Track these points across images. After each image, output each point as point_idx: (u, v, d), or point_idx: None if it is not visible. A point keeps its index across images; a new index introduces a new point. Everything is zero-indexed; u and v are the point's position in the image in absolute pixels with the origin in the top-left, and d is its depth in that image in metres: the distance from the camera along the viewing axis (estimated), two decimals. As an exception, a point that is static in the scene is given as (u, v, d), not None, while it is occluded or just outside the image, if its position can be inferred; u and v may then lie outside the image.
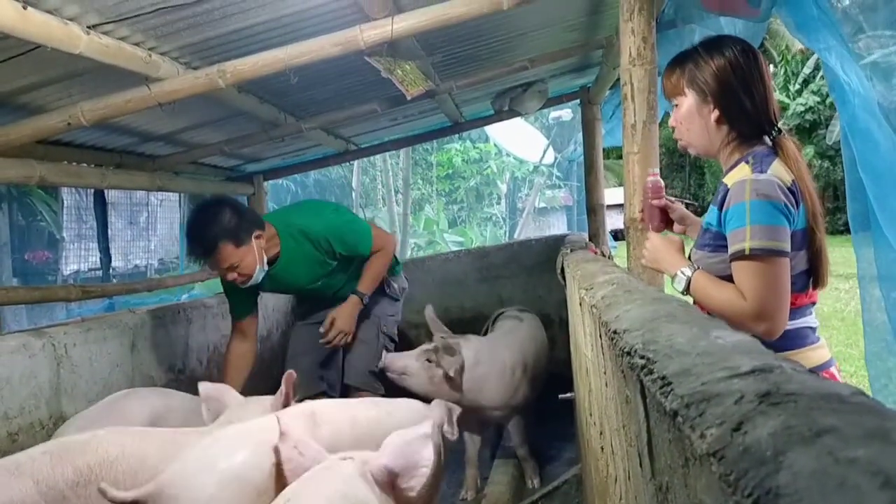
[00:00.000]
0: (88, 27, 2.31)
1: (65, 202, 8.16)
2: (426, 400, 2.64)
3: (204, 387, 2.44)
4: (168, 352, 3.46)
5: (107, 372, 3.05)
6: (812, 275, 1.72)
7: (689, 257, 1.85)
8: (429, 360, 3.11)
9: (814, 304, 1.76)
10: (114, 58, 2.44)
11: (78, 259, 8.07)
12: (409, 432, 1.76)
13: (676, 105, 1.84)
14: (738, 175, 1.66)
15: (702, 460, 0.50)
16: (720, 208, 1.70)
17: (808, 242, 1.68)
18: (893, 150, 1.87)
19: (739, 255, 1.59)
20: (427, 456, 1.74)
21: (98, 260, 5.89)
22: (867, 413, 0.44)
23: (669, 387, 0.65)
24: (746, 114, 1.74)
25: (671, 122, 1.89)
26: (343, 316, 3.26)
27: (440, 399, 2.64)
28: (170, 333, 3.50)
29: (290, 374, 2.31)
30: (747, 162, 1.69)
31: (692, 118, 1.80)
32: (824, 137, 17.75)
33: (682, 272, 1.76)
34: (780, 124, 1.78)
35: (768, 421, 0.46)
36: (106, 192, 5.59)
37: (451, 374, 3.06)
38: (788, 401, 0.49)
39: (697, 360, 0.69)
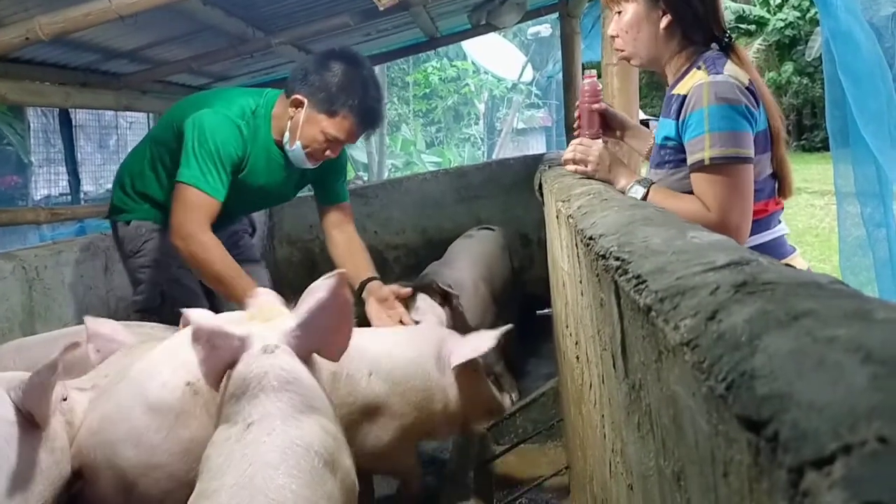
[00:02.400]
0: (39, -68, 2.19)
1: (31, 125, 7.94)
2: None
3: (90, 323, 2.02)
4: (143, 274, 3.42)
5: (81, 294, 3.02)
6: (777, 182, 1.69)
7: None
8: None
9: (781, 210, 1.73)
10: (69, -34, 2.32)
11: (48, 184, 7.90)
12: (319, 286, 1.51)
13: (619, 12, 1.73)
14: (693, 81, 1.59)
15: (675, 351, 0.48)
16: (676, 118, 1.62)
17: (770, 144, 1.63)
18: (874, 52, 1.83)
19: (699, 166, 1.53)
20: (346, 314, 1.52)
21: (68, 184, 5.77)
22: (846, 297, 0.43)
23: (644, 284, 0.63)
24: (698, 19, 1.65)
25: (611, 30, 1.77)
26: None
27: None
28: (143, 255, 3.45)
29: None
30: (699, 67, 1.61)
31: (639, 25, 1.69)
32: (803, 54, 17.59)
33: (638, 184, 1.67)
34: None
35: (744, 308, 0.44)
36: (72, 114, 5.44)
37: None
38: (765, 289, 0.47)
39: (673, 258, 0.67)
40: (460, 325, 3.00)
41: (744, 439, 0.34)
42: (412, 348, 2.06)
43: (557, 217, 1.80)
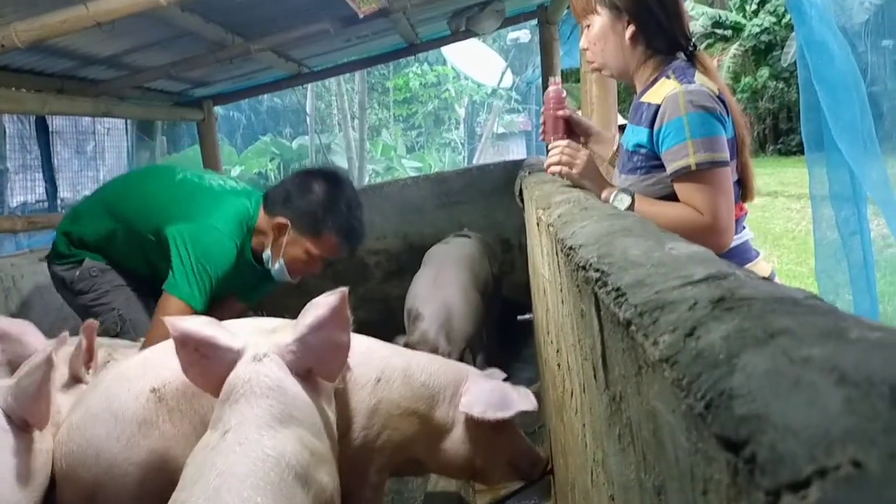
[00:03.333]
0: (15, -62, 2.17)
1: (7, 131, 7.84)
2: None
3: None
4: (121, 282, 3.39)
5: (59, 304, 2.98)
6: (740, 187, 1.72)
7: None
8: None
9: (745, 215, 1.78)
10: (45, -27, 2.30)
11: (24, 190, 7.79)
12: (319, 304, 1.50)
13: (588, 25, 1.77)
14: (664, 90, 1.61)
15: (654, 367, 0.49)
16: (650, 126, 1.64)
17: (737, 152, 1.67)
18: (848, 62, 1.86)
19: (685, 172, 1.56)
20: (343, 335, 1.51)
21: (45, 190, 5.70)
22: (822, 314, 0.44)
23: (623, 297, 0.64)
24: (662, 28, 1.68)
25: (582, 43, 1.81)
26: None
27: None
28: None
29: (91, 324, 1.91)
30: (668, 76, 1.64)
31: (606, 37, 1.73)
32: (779, 59, 17.78)
33: (623, 192, 1.68)
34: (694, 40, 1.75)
35: (721, 325, 0.45)
36: (49, 120, 5.39)
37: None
38: (742, 305, 0.48)
39: (652, 271, 0.68)
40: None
41: (722, 459, 0.35)
42: (426, 371, 1.94)
43: (538, 225, 1.81)
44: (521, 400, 1.86)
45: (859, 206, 2.06)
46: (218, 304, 2.69)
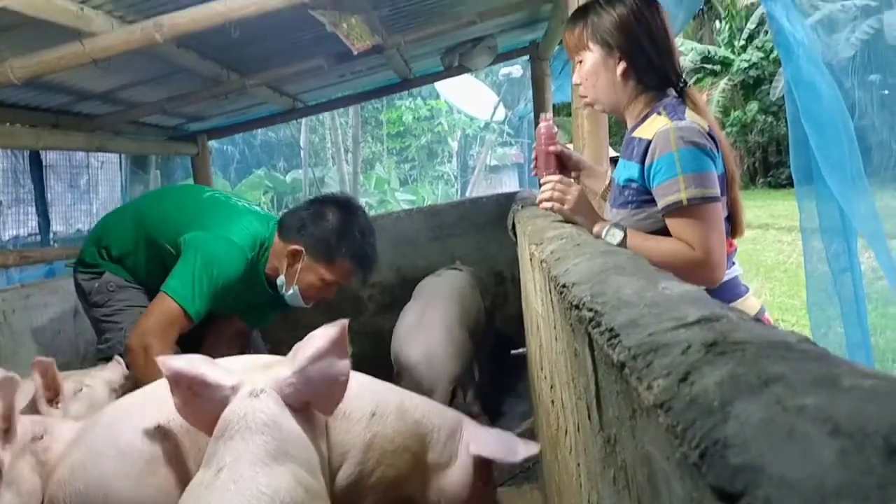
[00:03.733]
0: (13, -22, 2.19)
1: (0, 165, 7.84)
2: None
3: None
4: (113, 317, 3.37)
5: (49, 339, 2.97)
6: (730, 223, 1.73)
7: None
8: None
9: (735, 251, 1.79)
10: (43, 11, 2.32)
11: (17, 224, 7.78)
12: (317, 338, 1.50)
13: (580, 61, 1.79)
14: (655, 126, 1.63)
15: (649, 412, 0.49)
16: (641, 162, 1.65)
17: (726, 189, 1.68)
18: (836, 101, 1.89)
19: (676, 207, 1.57)
20: (342, 367, 1.50)
21: (38, 224, 5.68)
22: (815, 360, 0.44)
23: (617, 338, 0.64)
24: (653, 65, 1.71)
25: (575, 79, 1.83)
26: None
27: None
28: (114, 298, 3.41)
29: (42, 362, 1.91)
30: (659, 113, 1.66)
31: (597, 73, 1.75)
32: (768, 93, 17.99)
33: (615, 227, 1.68)
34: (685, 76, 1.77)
35: (715, 370, 0.45)
36: (43, 154, 5.39)
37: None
38: (735, 349, 0.48)
39: (645, 311, 0.68)
40: None
41: (718, 509, 0.35)
42: (420, 410, 1.92)
43: (531, 260, 1.82)
44: (527, 447, 1.86)
45: (849, 240, 2.07)
46: (221, 321, 2.70)
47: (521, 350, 4.26)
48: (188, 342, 2.42)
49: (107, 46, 2.64)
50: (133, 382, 2.18)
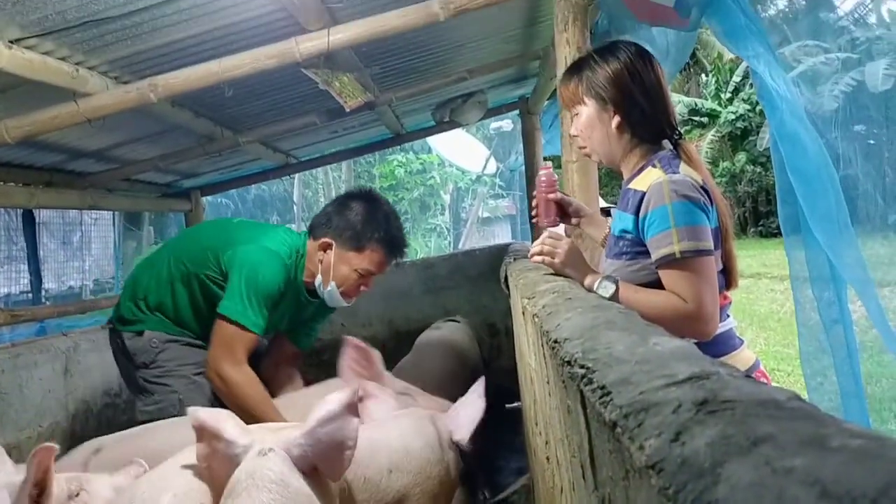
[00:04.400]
0: (10, 42, 2.22)
1: (-8, 223, 7.85)
2: None
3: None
4: (103, 375, 3.34)
5: (38, 399, 2.93)
6: (724, 275, 1.73)
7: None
8: None
9: (729, 304, 1.78)
10: (39, 73, 2.35)
11: (9, 282, 7.77)
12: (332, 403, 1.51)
13: (576, 114, 1.83)
14: (649, 178, 1.64)
15: (641, 473, 0.49)
16: (635, 213, 1.66)
17: (721, 242, 1.69)
18: (820, 154, 1.92)
19: (669, 260, 1.57)
20: (351, 433, 1.51)
21: (29, 282, 5.67)
22: (803, 419, 0.44)
23: (609, 396, 0.64)
24: (646, 118, 1.73)
25: (572, 131, 1.86)
26: None
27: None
28: (104, 356, 3.37)
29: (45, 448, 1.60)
30: (654, 166, 1.67)
31: (593, 126, 1.78)
32: (755, 144, 18.27)
33: (606, 280, 1.69)
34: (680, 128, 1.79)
35: (706, 430, 0.45)
36: (36, 211, 5.41)
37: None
38: (725, 408, 0.48)
39: (636, 368, 0.68)
40: None
41: (710, 574, 0.35)
42: (420, 436, 2.01)
43: (524, 313, 1.81)
44: (475, 404, 2.21)
45: (839, 289, 2.08)
46: (272, 345, 2.75)
47: (515, 404, 4.22)
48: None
49: (101, 106, 2.67)
50: None
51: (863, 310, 2.38)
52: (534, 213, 2.07)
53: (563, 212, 2.06)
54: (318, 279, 2.55)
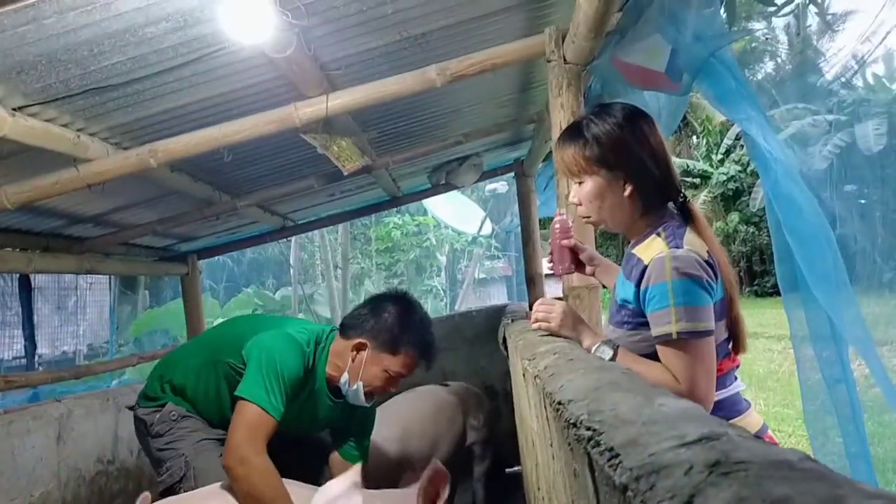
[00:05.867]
0: (14, 109, 2.26)
1: (-12, 288, 7.83)
2: None
3: None
4: (97, 442, 3.29)
5: (31, 467, 2.88)
6: (731, 340, 1.70)
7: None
8: None
9: (737, 367, 1.75)
10: (40, 140, 2.38)
11: (2, 348, 7.72)
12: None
13: (579, 182, 1.74)
14: (653, 249, 1.61)
15: (655, 538, 0.48)
16: (637, 285, 1.63)
17: (726, 310, 1.64)
18: (816, 214, 1.93)
19: (666, 339, 1.55)
20: None
21: (23, 347, 5.62)
22: (818, 480, 0.44)
23: (617, 459, 0.63)
24: (655, 182, 1.68)
25: (573, 199, 1.78)
26: None
27: None
28: (98, 422, 3.33)
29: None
30: (658, 234, 1.63)
31: (602, 195, 1.70)
32: (748, 204, 18.46)
33: (604, 345, 1.67)
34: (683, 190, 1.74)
35: (720, 493, 0.45)
36: (32, 276, 5.40)
37: None
38: (738, 469, 0.48)
39: (643, 430, 0.68)
40: None
41: None
42: None
43: (524, 375, 1.80)
44: None
45: (840, 348, 2.07)
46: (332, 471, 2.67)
47: (516, 468, 4.15)
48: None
49: (102, 171, 2.70)
50: None
51: (862, 369, 2.36)
52: (548, 259, 2.05)
53: (578, 259, 2.03)
54: (345, 377, 2.55)
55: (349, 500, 1.84)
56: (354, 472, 1.79)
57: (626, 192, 1.68)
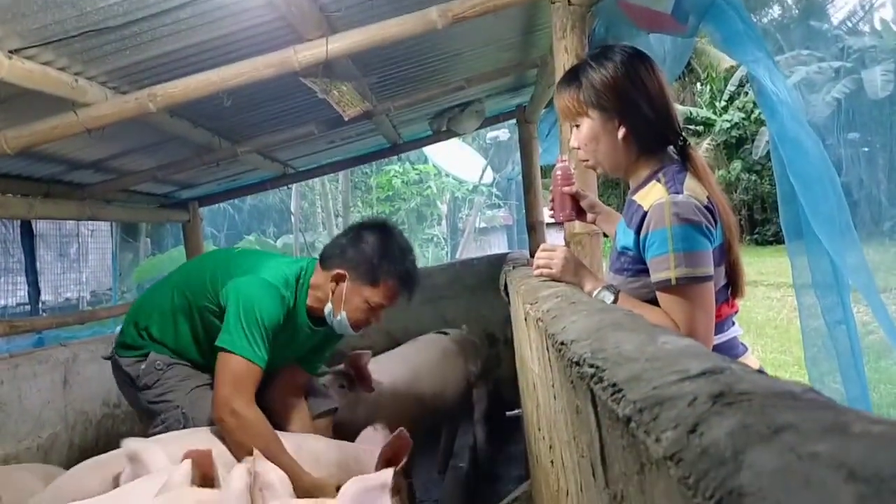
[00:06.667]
0: (10, 52, 2.23)
1: (-10, 235, 7.84)
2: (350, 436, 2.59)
3: (129, 445, 1.96)
4: (102, 386, 3.33)
5: (38, 410, 2.92)
6: (730, 286, 1.70)
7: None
8: (342, 386, 3.03)
9: (736, 312, 1.76)
10: (38, 83, 2.35)
11: (6, 294, 7.77)
12: (367, 479, 1.61)
13: (577, 125, 1.75)
14: (653, 195, 1.61)
15: (658, 464, 0.49)
16: (637, 232, 1.63)
17: (725, 256, 1.65)
18: (822, 157, 1.92)
19: (665, 285, 1.56)
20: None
21: (27, 294, 5.66)
22: (822, 408, 0.44)
23: (621, 393, 0.64)
24: (650, 124, 1.67)
25: (572, 143, 1.78)
26: None
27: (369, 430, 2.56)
28: (103, 367, 3.35)
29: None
30: (658, 180, 1.63)
31: (597, 138, 1.71)
32: (750, 152, 18.34)
33: (605, 290, 1.68)
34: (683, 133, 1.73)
35: (724, 421, 0.45)
36: (33, 223, 5.40)
37: (364, 365, 3.04)
38: (742, 400, 0.48)
39: (647, 366, 0.68)
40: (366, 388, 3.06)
41: (737, 559, 0.34)
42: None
43: (526, 319, 1.81)
44: None
45: (842, 294, 2.08)
46: (281, 374, 2.67)
47: (515, 412, 4.22)
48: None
49: (101, 116, 2.67)
50: None
51: (860, 315, 2.38)
52: (549, 206, 2.04)
53: (579, 206, 2.02)
54: (329, 307, 2.53)
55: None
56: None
57: (621, 135, 1.68)
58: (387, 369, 3.49)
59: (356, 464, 2.33)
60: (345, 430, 2.75)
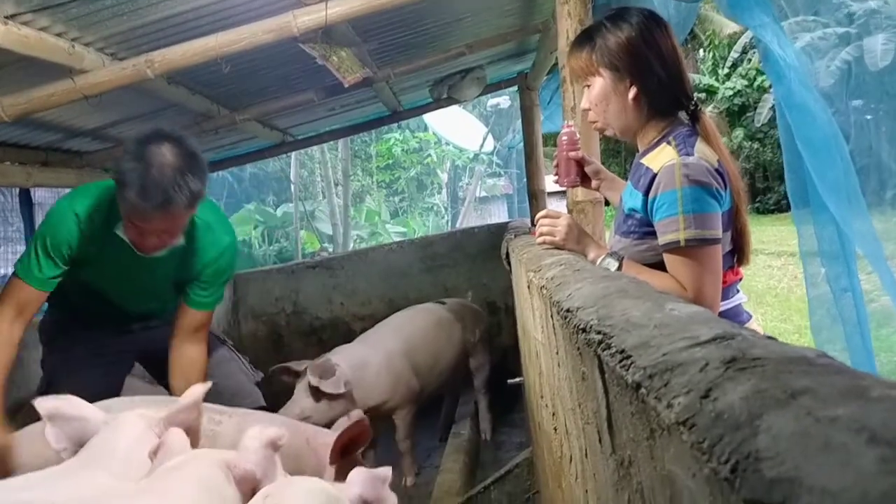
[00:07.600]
0: (6, 17, 2.19)
1: (-12, 204, 7.80)
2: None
3: (44, 403, 1.67)
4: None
5: (35, 378, 2.93)
6: (736, 252, 1.70)
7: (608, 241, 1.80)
8: (315, 397, 2.95)
9: (740, 280, 1.76)
10: (34, 49, 2.32)
11: (6, 263, 7.74)
12: (374, 471, 1.58)
13: (588, 86, 1.75)
14: (663, 157, 1.59)
15: (670, 430, 0.48)
16: (645, 193, 1.62)
17: (732, 222, 1.65)
18: (829, 123, 1.90)
19: (674, 247, 1.55)
20: (393, 499, 1.58)
21: (26, 263, 5.64)
22: (837, 373, 0.43)
23: (629, 360, 0.63)
24: (663, 86, 1.66)
25: (584, 104, 1.78)
26: None
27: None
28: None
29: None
30: (669, 143, 1.62)
31: (608, 98, 1.70)
32: (753, 120, 18.22)
33: (610, 257, 1.68)
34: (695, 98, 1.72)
35: (738, 386, 0.45)
36: (32, 191, 5.38)
37: (343, 390, 2.95)
38: (755, 365, 0.48)
39: (655, 332, 0.68)
40: (349, 401, 3.01)
41: (754, 524, 0.34)
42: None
43: (529, 287, 1.81)
44: None
45: (848, 261, 2.07)
46: (175, 318, 2.53)
47: (517, 379, 4.24)
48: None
49: (98, 82, 2.64)
50: None
51: (863, 283, 2.38)
52: (554, 171, 2.03)
53: (583, 172, 2.01)
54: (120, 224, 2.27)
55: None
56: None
57: (631, 95, 1.67)
58: (379, 338, 3.50)
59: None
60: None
